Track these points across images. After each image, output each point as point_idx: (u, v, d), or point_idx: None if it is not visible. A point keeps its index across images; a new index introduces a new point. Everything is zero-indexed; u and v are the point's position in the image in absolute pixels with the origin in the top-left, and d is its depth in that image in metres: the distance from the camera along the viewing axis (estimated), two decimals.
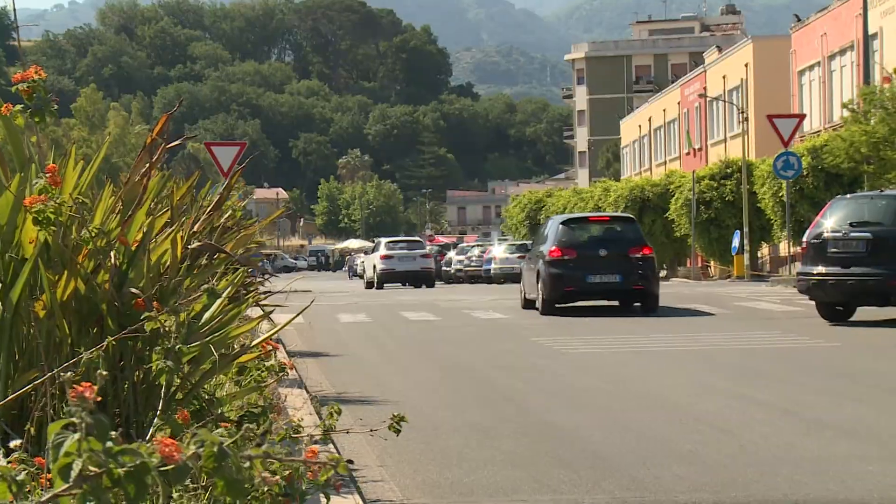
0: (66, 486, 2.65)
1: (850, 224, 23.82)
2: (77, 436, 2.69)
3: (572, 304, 30.11)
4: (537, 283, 29.99)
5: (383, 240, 62.78)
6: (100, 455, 2.66)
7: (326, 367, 18.31)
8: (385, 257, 56.30)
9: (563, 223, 31.48)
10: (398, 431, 5.90)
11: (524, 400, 14.32)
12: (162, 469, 2.73)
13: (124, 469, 2.64)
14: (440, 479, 9.68)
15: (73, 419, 2.72)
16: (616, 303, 30.77)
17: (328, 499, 4.82)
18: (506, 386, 15.71)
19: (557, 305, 29.56)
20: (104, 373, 3.01)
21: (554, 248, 29.96)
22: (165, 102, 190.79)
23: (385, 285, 55.44)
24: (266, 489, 4.08)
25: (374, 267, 56.64)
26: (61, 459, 2.70)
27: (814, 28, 60.01)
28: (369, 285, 57.47)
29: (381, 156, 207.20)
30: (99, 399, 2.74)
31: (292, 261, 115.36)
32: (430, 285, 56.89)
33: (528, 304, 31.84)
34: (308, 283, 62.23)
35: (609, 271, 29.32)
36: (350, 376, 17.13)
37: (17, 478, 2.85)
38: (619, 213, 48.01)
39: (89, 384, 2.74)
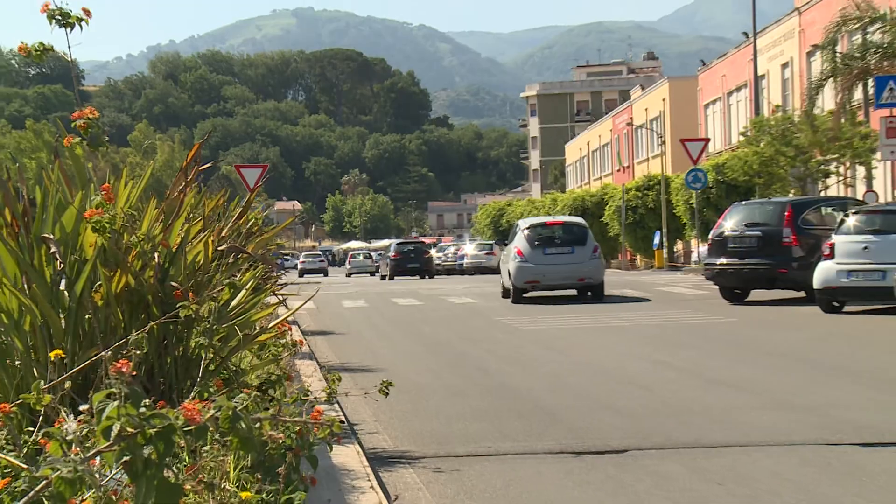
0: (108, 443, 2.62)
1: (745, 225, 23.94)
2: (116, 403, 2.66)
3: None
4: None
5: (302, 255, 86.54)
6: (135, 418, 2.62)
7: (332, 343, 18.29)
8: (302, 261, 78.08)
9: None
10: (387, 394, 5.86)
11: (489, 367, 14.30)
12: (186, 429, 2.70)
13: (155, 430, 2.61)
14: (423, 430, 9.65)
15: (114, 389, 2.69)
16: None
17: (331, 448, 4.79)
18: (475, 356, 15.69)
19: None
20: (138, 352, 2.97)
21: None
22: (203, 134, 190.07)
23: (305, 275, 70.16)
24: (278, 443, 4.04)
25: (297, 266, 75.31)
26: (103, 422, 2.66)
27: (716, 70, 60.14)
28: (299, 274, 72.08)
29: (375, 174, 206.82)
30: (135, 373, 2.71)
31: (285, 259, 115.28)
32: (325, 275, 72.33)
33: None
34: (311, 277, 63.32)
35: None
36: (351, 350, 17.10)
37: (67, 438, 2.81)
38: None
39: (126, 361, 2.71)
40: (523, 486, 7.49)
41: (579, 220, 30.68)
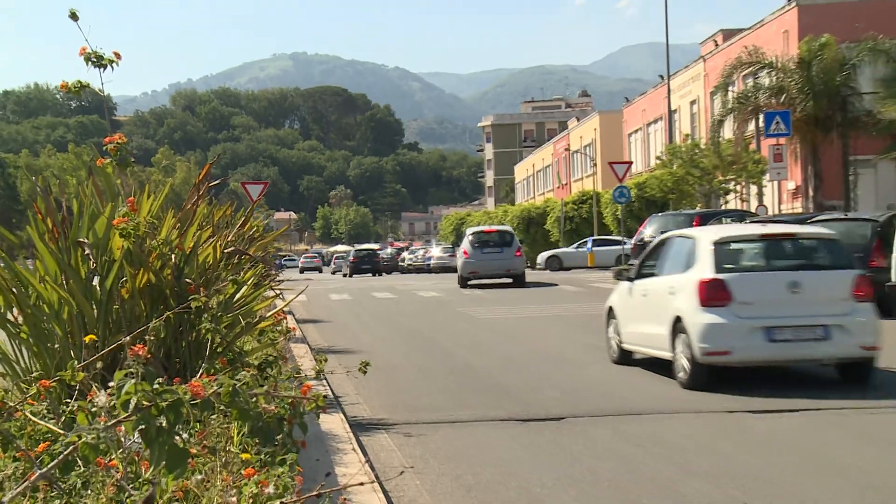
0: (126, 414, 2.58)
1: (661, 232, 24.02)
2: (133, 380, 2.62)
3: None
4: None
5: (302, 256, 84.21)
6: (149, 393, 2.58)
7: (321, 329, 18.18)
8: (303, 261, 76.36)
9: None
10: (365, 372, 5.82)
11: (452, 350, 14.27)
12: (193, 402, 2.66)
13: (166, 403, 2.58)
14: (396, 402, 9.62)
15: (132, 369, 2.65)
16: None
17: (318, 416, 4.74)
18: (439, 341, 15.66)
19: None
20: (152, 337, 2.93)
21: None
22: (214, 156, 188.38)
23: (305, 272, 68.25)
24: (272, 414, 4.00)
25: (298, 266, 73.84)
26: (122, 396, 2.62)
27: (637, 105, 60.42)
28: (300, 271, 71.45)
29: (358, 190, 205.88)
30: (150, 356, 2.67)
31: (288, 260, 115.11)
32: (321, 271, 70.92)
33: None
34: (309, 274, 63.18)
35: None
36: (337, 335, 17.02)
37: (92, 410, 2.77)
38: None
39: (142, 345, 2.67)
40: (478, 448, 7.48)
41: (508, 228, 35.05)
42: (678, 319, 10.22)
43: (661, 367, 10.82)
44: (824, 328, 9.87)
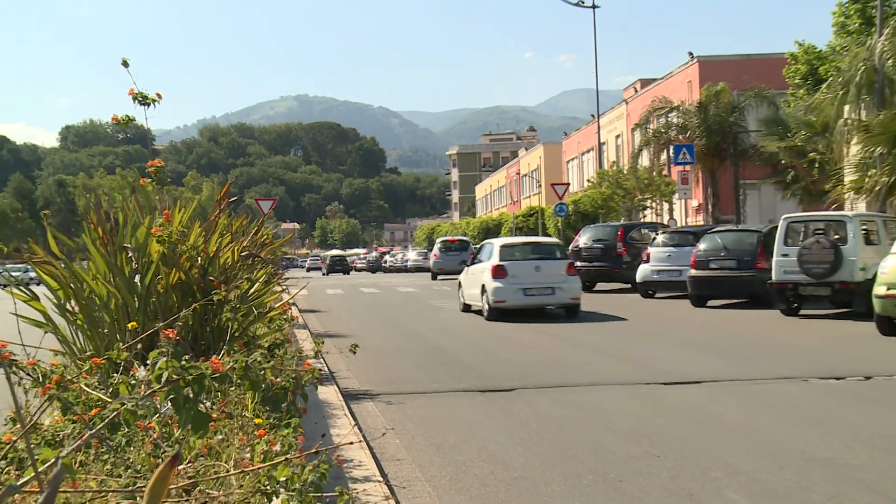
0: (160, 386, 2.56)
1: (593, 240, 24.18)
2: (165, 358, 2.59)
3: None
4: None
5: (308, 259, 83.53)
6: (178, 369, 2.56)
7: (320, 318, 18.08)
8: (308, 263, 75.03)
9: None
10: (354, 352, 5.79)
11: (425, 334, 14.24)
12: (213, 376, 2.64)
13: (191, 377, 2.56)
14: (379, 376, 9.59)
15: (164, 349, 2.62)
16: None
17: (317, 388, 4.72)
18: (415, 327, 15.62)
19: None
20: (180, 324, 2.91)
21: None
22: (234, 178, 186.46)
23: (310, 271, 68.59)
24: (278, 385, 3.97)
25: (306, 265, 73.34)
26: (156, 371, 2.60)
27: (574, 139, 60.72)
28: (307, 270, 71.68)
29: (349, 205, 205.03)
30: (179, 338, 2.65)
31: (302, 262, 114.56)
32: (320, 270, 69.47)
33: None
34: (312, 272, 63.00)
35: None
36: (332, 322, 16.93)
37: (132, 382, 2.73)
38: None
39: (173, 330, 2.65)
40: (446, 413, 7.47)
41: (466, 237, 40.66)
42: (483, 286, 15.94)
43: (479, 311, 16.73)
44: (552, 289, 15.60)
